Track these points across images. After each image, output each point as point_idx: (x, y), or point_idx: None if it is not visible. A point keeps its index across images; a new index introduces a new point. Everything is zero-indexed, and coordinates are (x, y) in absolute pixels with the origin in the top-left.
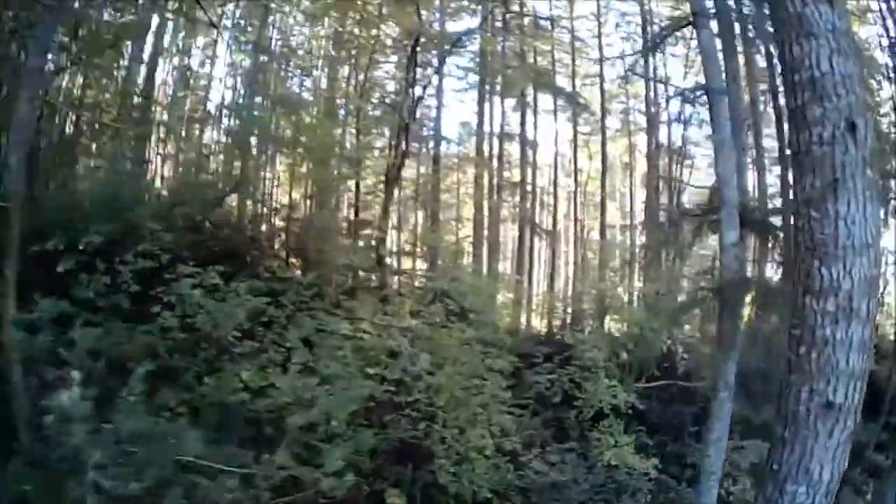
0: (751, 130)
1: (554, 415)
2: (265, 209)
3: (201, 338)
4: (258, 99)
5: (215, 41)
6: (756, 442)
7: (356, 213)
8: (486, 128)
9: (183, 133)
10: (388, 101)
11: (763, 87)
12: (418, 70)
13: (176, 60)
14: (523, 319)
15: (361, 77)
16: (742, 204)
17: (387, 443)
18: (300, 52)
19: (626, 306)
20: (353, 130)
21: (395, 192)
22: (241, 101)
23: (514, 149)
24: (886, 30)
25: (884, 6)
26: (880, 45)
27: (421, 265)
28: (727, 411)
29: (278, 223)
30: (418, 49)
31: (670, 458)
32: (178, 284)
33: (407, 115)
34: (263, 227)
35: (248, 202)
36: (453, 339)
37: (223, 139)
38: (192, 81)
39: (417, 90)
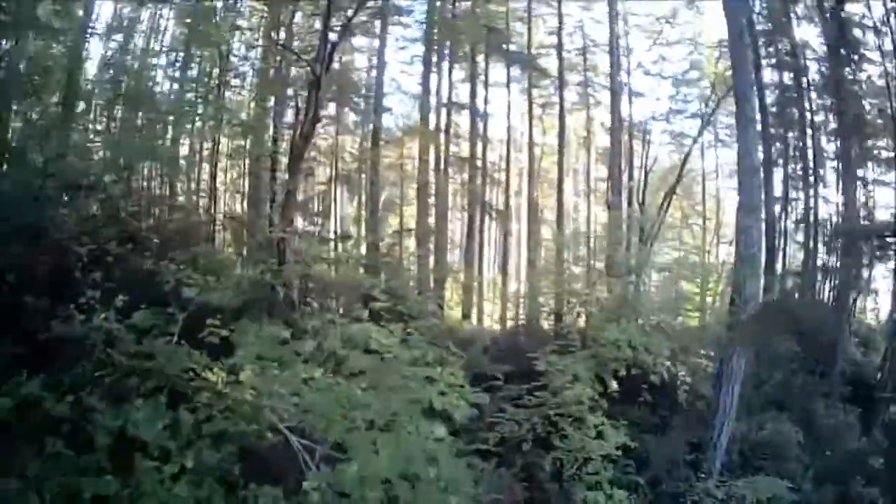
0: None
1: (525, 461)
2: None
3: None
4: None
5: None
6: None
7: (271, 201)
8: (433, 100)
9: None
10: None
11: None
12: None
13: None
14: (474, 317)
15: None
16: None
17: None
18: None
19: (618, 320)
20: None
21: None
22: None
23: (462, 121)
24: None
25: None
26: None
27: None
28: None
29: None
30: None
31: (666, 499)
32: None
33: (319, 67)
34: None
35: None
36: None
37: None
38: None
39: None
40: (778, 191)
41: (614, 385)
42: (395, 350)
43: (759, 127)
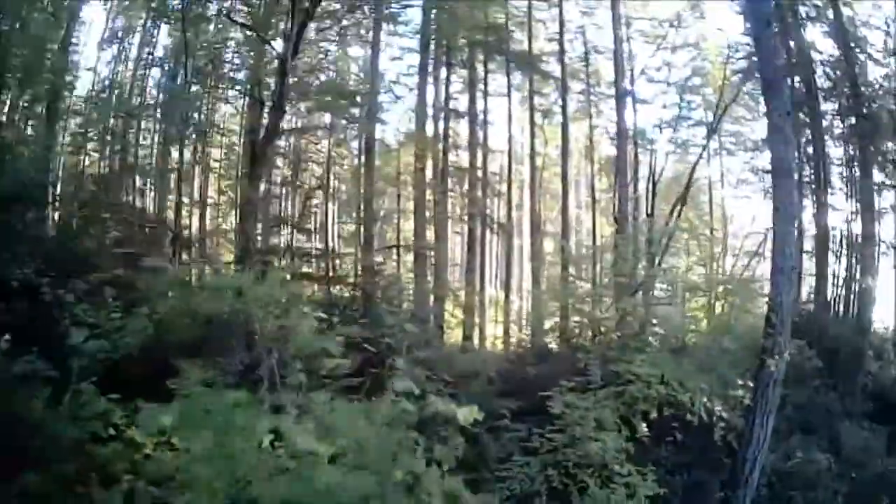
0: None
1: None
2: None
3: None
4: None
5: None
6: None
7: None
8: (430, 109)
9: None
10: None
11: None
12: None
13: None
14: (476, 338)
15: None
16: None
17: None
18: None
19: (644, 348)
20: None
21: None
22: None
23: (461, 131)
24: None
25: None
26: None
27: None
28: None
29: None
30: None
31: None
32: None
33: (287, 53)
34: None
35: None
36: None
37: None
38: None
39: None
40: None
41: (644, 429)
42: (335, 477)
43: None
